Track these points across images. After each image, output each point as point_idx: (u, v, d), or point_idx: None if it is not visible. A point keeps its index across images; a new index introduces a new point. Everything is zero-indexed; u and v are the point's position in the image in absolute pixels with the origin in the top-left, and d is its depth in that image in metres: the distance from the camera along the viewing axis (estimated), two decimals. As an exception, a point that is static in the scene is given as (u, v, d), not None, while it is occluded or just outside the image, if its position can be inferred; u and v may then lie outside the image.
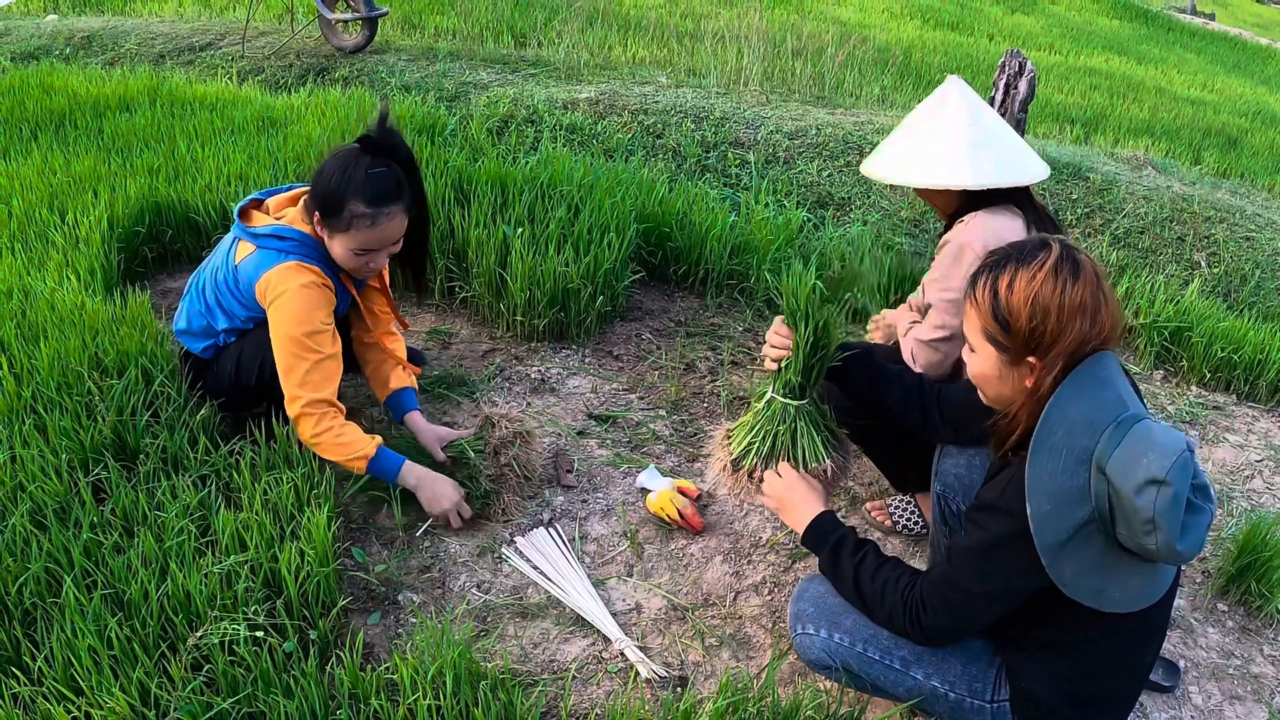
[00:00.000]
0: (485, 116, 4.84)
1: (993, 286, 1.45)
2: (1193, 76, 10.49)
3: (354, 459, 2.20)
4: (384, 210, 2.18)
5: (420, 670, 1.79)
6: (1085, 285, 1.40)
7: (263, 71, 5.85)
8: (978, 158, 2.07)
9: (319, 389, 2.17)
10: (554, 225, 3.26)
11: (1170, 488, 1.31)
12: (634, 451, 2.73)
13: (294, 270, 2.20)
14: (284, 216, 2.32)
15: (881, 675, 1.66)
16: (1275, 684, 2.19)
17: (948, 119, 2.14)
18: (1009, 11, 12.58)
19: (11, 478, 2.08)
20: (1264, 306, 4.09)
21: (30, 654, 1.77)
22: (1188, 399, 3.35)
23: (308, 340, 2.16)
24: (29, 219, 3.27)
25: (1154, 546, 1.34)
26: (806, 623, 1.72)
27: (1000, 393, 1.53)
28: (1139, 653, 1.58)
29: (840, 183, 4.55)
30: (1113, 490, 1.35)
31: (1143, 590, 1.44)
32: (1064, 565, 1.39)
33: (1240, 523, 2.67)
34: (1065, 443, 1.39)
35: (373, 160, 2.17)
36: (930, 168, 2.10)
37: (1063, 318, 1.40)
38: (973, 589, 1.51)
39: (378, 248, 2.24)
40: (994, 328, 1.46)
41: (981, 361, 1.52)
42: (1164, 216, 4.58)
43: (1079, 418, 1.39)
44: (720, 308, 3.53)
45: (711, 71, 6.31)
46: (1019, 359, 1.46)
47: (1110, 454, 1.36)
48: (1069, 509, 1.38)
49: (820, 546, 1.75)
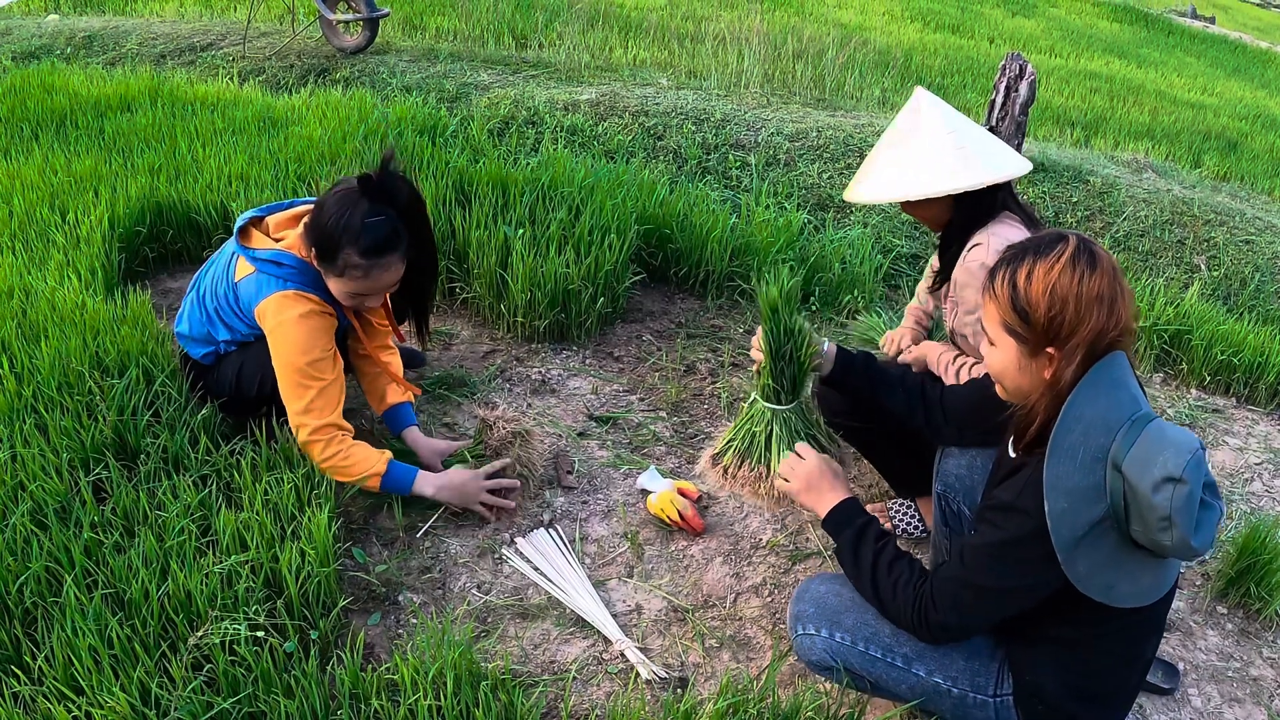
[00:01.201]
0: (486, 118, 4.84)
1: (1011, 279, 1.47)
2: (1193, 80, 10.50)
3: (366, 479, 2.21)
4: (378, 261, 2.12)
5: (421, 671, 1.79)
6: (1102, 276, 1.42)
7: (264, 72, 5.85)
8: (966, 160, 2.06)
9: (323, 415, 2.17)
10: (555, 226, 3.26)
11: (1186, 485, 1.33)
12: (634, 453, 2.73)
13: (292, 300, 2.18)
14: (283, 239, 2.28)
15: (884, 673, 1.67)
16: (1274, 686, 2.19)
17: (925, 129, 2.12)
18: (1009, 14, 12.60)
19: (12, 477, 2.08)
20: (1264, 310, 4.09)
21: (31, 653, 1.77)
22: (1187, 401, 3.35)
23: (310, 369, 2.16)
24: (30, 218, 3.27)
25: (1169, 543, 1.36)
26: (807, 623, 1.72)
27: (1019, 385, 1.54)
28: (1142, 646, 1.60)
29: (841, 185, 4.55)
30: (1129, 488, 1.37)
31: (1151, 586, 1.47)
32: (1078, 562, 1.41)
33: (1240, 525, 2.68)
34: (1082, 441, 1.41)
35: (370, 207, 2.09)
36: (921, 178, 2.08)
37: (1080, 307, 1.41)
38: (985, 585, 1.52)
39: (371, 294, 2.21)
40: (1013, 319, 1.47)
41: (1001, 354, 1.53)
42: (1164, 220, 4.58)
43: (1095, 417, 1.41)
44: (721, 309, 3.53)
45: (712, 73, 6.32)
46: (1038, 350, 1.47)
47: (1126, 452, 1.38)
48: (1085, 507, 1.40)
49: (843, 530, 1.74)
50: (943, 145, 2.08)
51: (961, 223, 2.17)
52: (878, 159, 2.20)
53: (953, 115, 2.15)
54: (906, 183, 2.09)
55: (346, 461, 2.19)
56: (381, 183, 2.10)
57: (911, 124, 2.15)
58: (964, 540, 1.60)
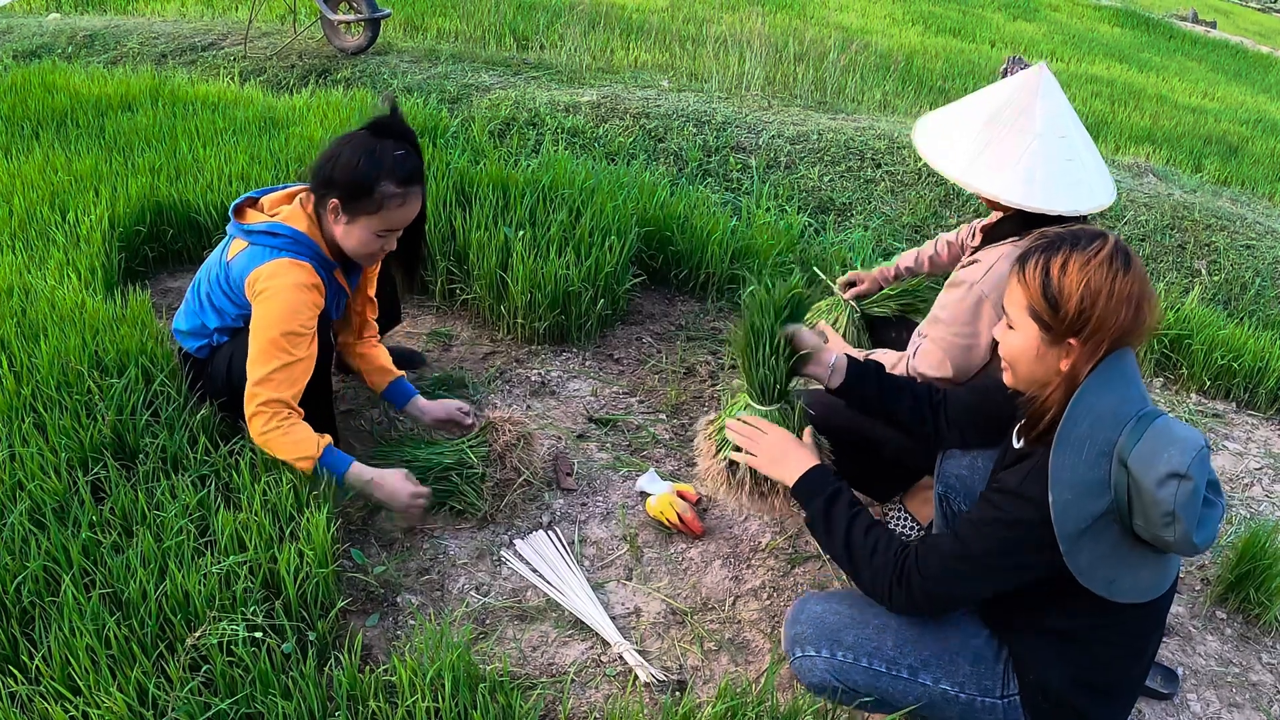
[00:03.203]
0: (487, 119, 4.84)
1: (1045, 266, 1.48)
2: (1194, 84, 10.51)
3: (300, 459, 2.15)
4: (412, 190, 2.22)
5: (419, 672, 1.79)
6: (1135, 278, 1.44)
7: (265, 72, 5.86)
8: (1046, 176, 1.94)
9: (280, 389, 2.14)
10: (555, 228, 3.26)
11: (1190, 482, 1.35)
12: (634, 455, 2.73)
13: (286, 267, 2.19)
14: (279, 214, 2.30)
15: (889, 687, 1.65)
16: (1274, 692, 2.19)
17: (1037, 122, 1.98)
18: (1011, 18, 12.61)
19: (10, 476, 2.08)
20: (1264, 314, 4.09)
21: (28, 653, 1.77)
22: (1187, 406, 3.35)
23: (284, 340, 2.14)
24: (30, 217, 3.27)
25: (1171, 538, 1.38)
26: (806, 645, 1.69)
27: (1033, 372, 1.55)
28: (1144, 640, 1.60)
29: (841, 188, 4.56)
30: (1133, 482, 1.39)
31: (1153, 581, 1.48)
32: (1080, 554, 1.43)
33: (1240, 530, 2.67)
34: (1089, 434, 1.43)
35: (394, 143, 2.21)
36: (989, 175, 1.98)
37: (1111, 304, 1.43)
38: (978, 556, 1.52)
39: (400, 227, 2.27)
40: (1042, 306, 1.48)
41: (1021, 339, 1.54)
42: (1165, 224, 4.58)
43: (1104, 411, 1.43)
44: (721, 312, 3.53)
45: (713, 76, 6.32)
46: (1060, 339, 1.48)
47: (1132, 447, 1.40)
48: (1089, 500, 1.42)
49: (814, 498, 1.72)
50: (1036, 150, 1.97)
51: (1021, 220, 2.08)
52: (968, 124, 2.07)
53: (1067, 118, 2.03)
54: (973, 169, 2.00)
55: (286, 438, 2.15)
56: (398, 123, 2.24)
57: (1025, 109, 2.02)
58: (962, 516, 1.61)
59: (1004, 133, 2.02)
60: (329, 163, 2.21)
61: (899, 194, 4.55)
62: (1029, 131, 2.00)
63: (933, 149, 2.11)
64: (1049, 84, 2.05)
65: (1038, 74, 2.06)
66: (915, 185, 4.62)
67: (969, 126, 2.07)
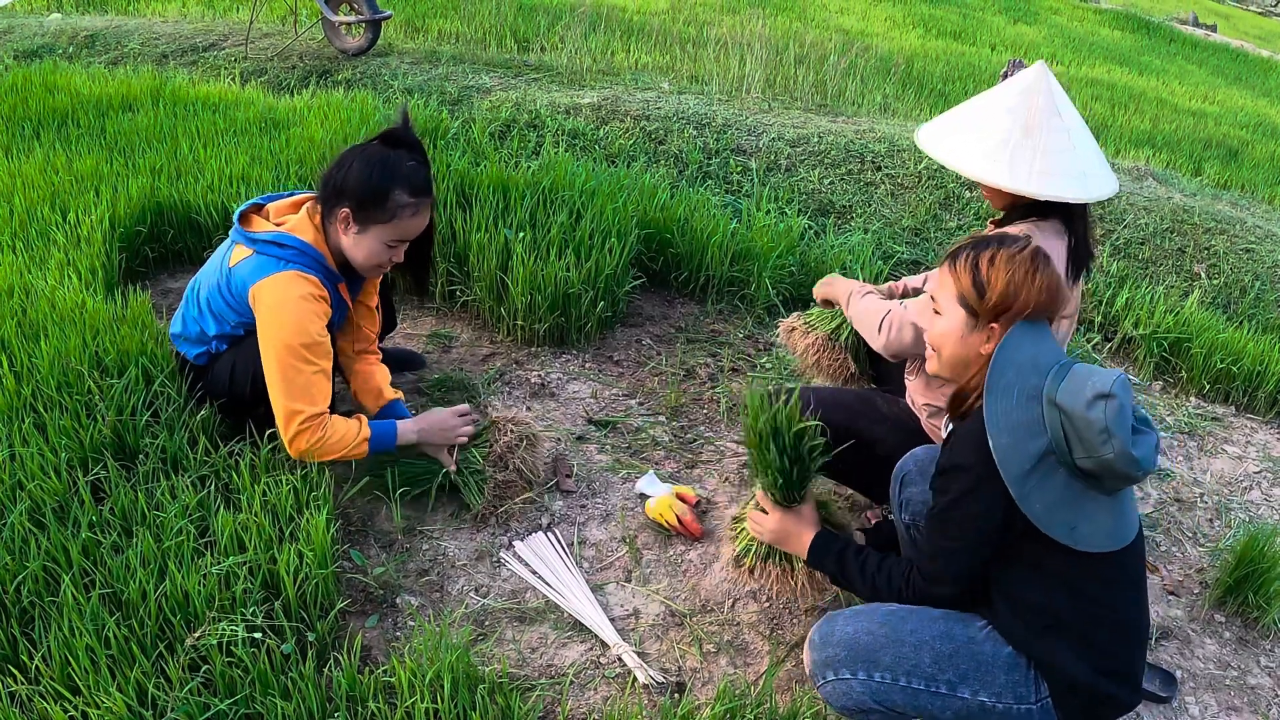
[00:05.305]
0: (487, 120, 4.84)
1: (975, 260, 1.67)
2: (1194, 88, 10.52)
3: (353, 450, 2.21)
4: (424, 200, 2.24)
5: (418, 673, 1.79)
6: (1051, 273, 1.64)
7: (265, 73, 5.86)
8: (1030, 159, 2.01)
9: (316, 402, 2.15)
10: (555, 230, 3.27)
11: (1116, 399, 1.49)
12: (633, 457, 2.73)
13: (293, 280, 2.17)
14: (285, 223, 2.28)
15: (929, 703, 1.66)
16: (1272, 695, 2.19)
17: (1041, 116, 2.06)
18: (1011, 21, 12.62)
19: (11, 476, 2.08)
20: (1263, 318, 4.09)
21: (28, 653, 1.77)
22: (1186, 410, 3.36)
23: (305, 351, 2.13)
24: (30, 217, 3.27)
25: (1111, 455, 1.48)
26: (840, 668, 1.69)
27: (955, 354, 1.71)
28: (1130, 611, 1.65)
29: (842, 191, 4.56)
30: (1064, 416, 1.52)
31: (1113, 525, 1.58)
32: (1033, 499, 1.53)
33: (1238, 534, 2.67)
34: (1016, 380, 1.57)
35: (407, 153, 2.23)
36: (977, 162, 2.04)
37: (1030, 293, 1.62)
38: (950, 545, 1.65)
39: (410, 237, 2.28)
40: (970, 294, 1.66)
41: (947, 323, 1.71)
42: (1164, 228, 4.58)
43: (1025, 360, 1.59)
44: (721, 314, 3.53)
45: (714, 78, 6.33)
46: (984, 324, 1.66)
47: (1058, 387, 1.54)
48: (1026, 439, 1.53)
49: (825, 560, 1.87)
50: (1059, 146, 2.04)
51: (1025, 211, 2.12)
52: (968, 123, 2.12)
53: (1064, 109, 2.08)
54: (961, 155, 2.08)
55: (331, 440, 2.17)
56: (410, 133, 2.27)
57: (1024, 101, 2.08)
58: (926, 513, 1.74)
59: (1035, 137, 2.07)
60: (340, 172, 2.20)
61: (899, 197, 4.56)
62: (1059, 130, 2.08)
63: (947, 149, 2.13)
64: (1048, 80, 2.12)
65: (1038, 73, 2.12)
66: (915, 188, 4.62)
67: (987, 129, 2.11)
